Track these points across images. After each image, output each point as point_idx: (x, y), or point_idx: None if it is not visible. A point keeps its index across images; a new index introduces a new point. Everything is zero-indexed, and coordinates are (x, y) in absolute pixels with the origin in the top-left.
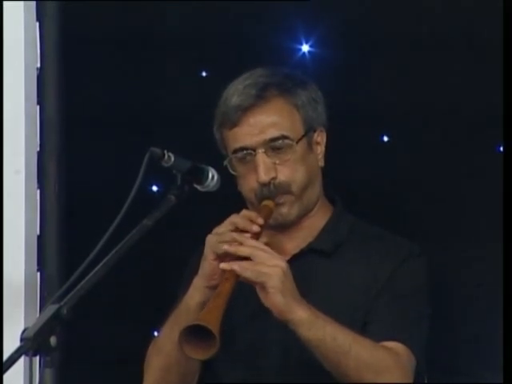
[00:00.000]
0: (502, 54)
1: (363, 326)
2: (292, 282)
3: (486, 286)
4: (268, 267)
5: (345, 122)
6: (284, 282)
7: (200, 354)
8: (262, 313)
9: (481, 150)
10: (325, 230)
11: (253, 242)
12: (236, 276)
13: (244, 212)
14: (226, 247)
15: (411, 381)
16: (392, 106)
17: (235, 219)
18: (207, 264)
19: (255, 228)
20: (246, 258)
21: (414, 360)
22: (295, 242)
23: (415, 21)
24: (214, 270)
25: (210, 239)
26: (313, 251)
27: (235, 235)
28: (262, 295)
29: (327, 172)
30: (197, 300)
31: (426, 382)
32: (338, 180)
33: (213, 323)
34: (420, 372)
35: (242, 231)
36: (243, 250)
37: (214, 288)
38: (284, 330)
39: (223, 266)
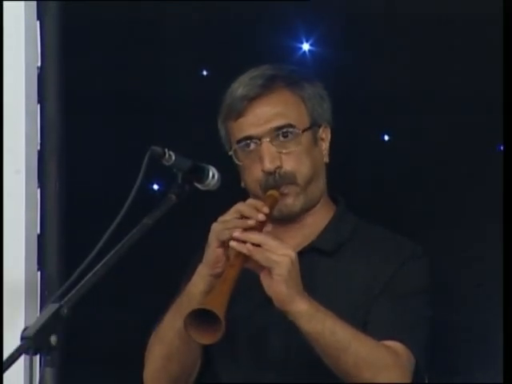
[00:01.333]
0: (502, 53)
1: (363, 325)
2: (298, 274)
3: (485, 285)
4: (277, 255)
5: (345, 120)
6: (290, 272)
7: (205, 338)
8: (264, 307)
9: (481, 150)
10: (327, 229)
11: (261, 234)
12: (242, 262)
13: (249, 200)
14: (236, 234)
15: (410, 381)
16: (393, 104)
17: (241, 207)
18: (211, 252)
19: (260, 216)
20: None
21: (414, 360)
22: (297, 240)
23: (415, 20)
24: (219, 257)
25: (216, 227)
26: (315, 250)
27: (241, 223)
28: (265, 282)
29: (327, 171)
30: (200, 288)
31: (426, 382)
32: (338, 179)
33: (218, 307)
34: (420, 372)
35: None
36: (254, 238)
37: (217, 276)
38: (285, 325)
39: (233, 244)
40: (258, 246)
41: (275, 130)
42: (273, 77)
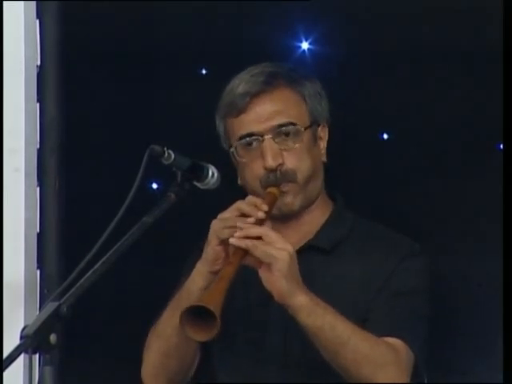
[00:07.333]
0: (503, 52)
1: (362, 323)
2: (296, 268)
3: (485, 285)
4: (276, 250)
5: (344, 119)
6: (289, 267)
7: (201, 335)
8: (263, 303)
9: (481, 149)
10: (325, 227)
11: (261, 227)
12: (239, 259)
13: (249, 198)
14: (237, 234)
15: (409, 378)
16: (392, 103)
17: (240, 205)
18: (211, 249)
19: (260, 214)
20: None
21: (413, 357)
22: (295, 238)
23: (415, 19)
24: (218, 255)
25: (215, 224)
26: (312, 248)
27: (241, 221)
28: (264, 277)
29: (326, 169)
30: (199, 285)
31: (425, 381)
32: (338, 177)
33: (214, 305)
34: (420, 371)
35: (247, 217)
36: (255, 231)
37: (216, 273)
38: (285, 322)
39: (233, 241)
40: (259, 238)
41: (277, 128)
42: (274, 74)
